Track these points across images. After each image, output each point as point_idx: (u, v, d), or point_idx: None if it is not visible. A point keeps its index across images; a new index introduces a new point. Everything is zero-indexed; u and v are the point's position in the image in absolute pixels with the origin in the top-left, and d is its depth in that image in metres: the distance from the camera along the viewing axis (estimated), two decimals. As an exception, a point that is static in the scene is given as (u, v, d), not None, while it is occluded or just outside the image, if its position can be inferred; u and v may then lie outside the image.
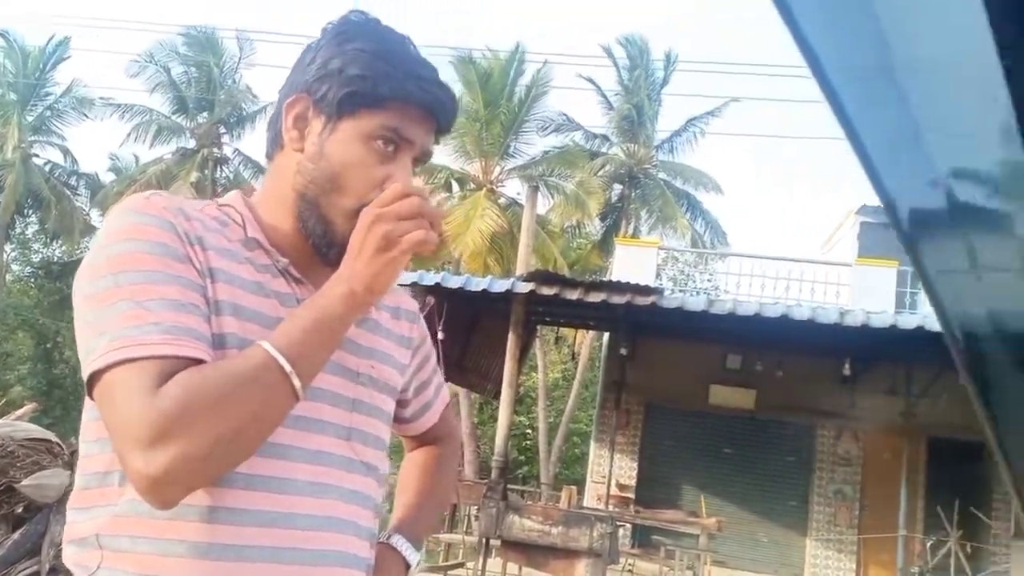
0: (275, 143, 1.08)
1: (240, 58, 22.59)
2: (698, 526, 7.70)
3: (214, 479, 0.90)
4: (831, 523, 10.52)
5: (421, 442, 1.33)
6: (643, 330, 9.85)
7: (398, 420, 1.25)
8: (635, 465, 11.15)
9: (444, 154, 19.08)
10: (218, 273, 0.96)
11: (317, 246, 1.03)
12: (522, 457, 20.06)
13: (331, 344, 0.95)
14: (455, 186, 19.65)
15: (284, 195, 1.04)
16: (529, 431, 20.15)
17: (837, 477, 10.57)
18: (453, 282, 8.14)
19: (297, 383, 0.89)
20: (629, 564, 7.92)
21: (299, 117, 1.04)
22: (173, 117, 22.46)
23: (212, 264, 0.96)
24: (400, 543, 1.18)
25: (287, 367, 0.88)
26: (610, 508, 9.40)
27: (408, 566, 1.18)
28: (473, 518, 8.42)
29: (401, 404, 1.22)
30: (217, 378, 0.86)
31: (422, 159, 1.05)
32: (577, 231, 21.55)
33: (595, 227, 21.01)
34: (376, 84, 1.00)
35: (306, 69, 1.05)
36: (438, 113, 1.04)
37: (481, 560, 6.59)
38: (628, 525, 9.32)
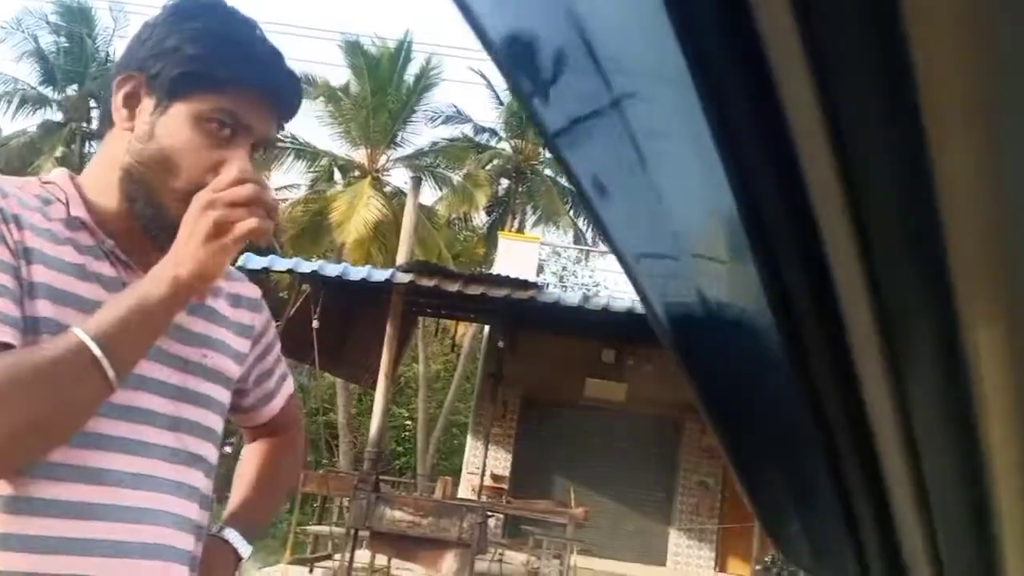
0: (106, 121, 1.04)
1: (114, 30, 21.43)
2: (566, 516, 7.88)
3: (14, 469, 0.86)
4: (694, 513, 10.97)
5: (262, 433, 1.31)
6: (522, 324, 9.98)
7: (237, 410, 1.23)
8: (510, 456, 11.29)
9: (328, 140, 18.73)
10: (34, 254, 0.92)
11: (147, 228, 1.00)
12: (400, 448, 19.95)
13: (152, 332, 0.93)
14: (337, 173, 19.32)
15: (112, 175, 1.01)
16: (408, 422, 20.05)
17: (701, 469, 11.02)
18: (331, 270, 8.00)
19: (111, 372, 0.86)
20: (499, 554, 8.02)
21: (130, 95, 1.00)
22: (40, 88, 21.08)
23: (28, 244, 0.92)
24: (231, 535, 1.16)
25: (99, 354, 0.85)
26: (483, 499, 9.50)
27: (239, 559, 1.16)
28: (345, 509, 8.32)
29: (240, 394, 1.20)
30: (22, 364, 0.83)
31: (261, 146, 1.04)
32: (464, 224, 21.58)
33: (482, 220, 21.10)
34: (213, 66, 0.97)
35: (141, 46, 1.02)
36: (279, 100, 1.03)
37: (349, 551, 6.53)
38: (500, 516, 9.44)
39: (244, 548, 1.16)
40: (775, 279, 0.33)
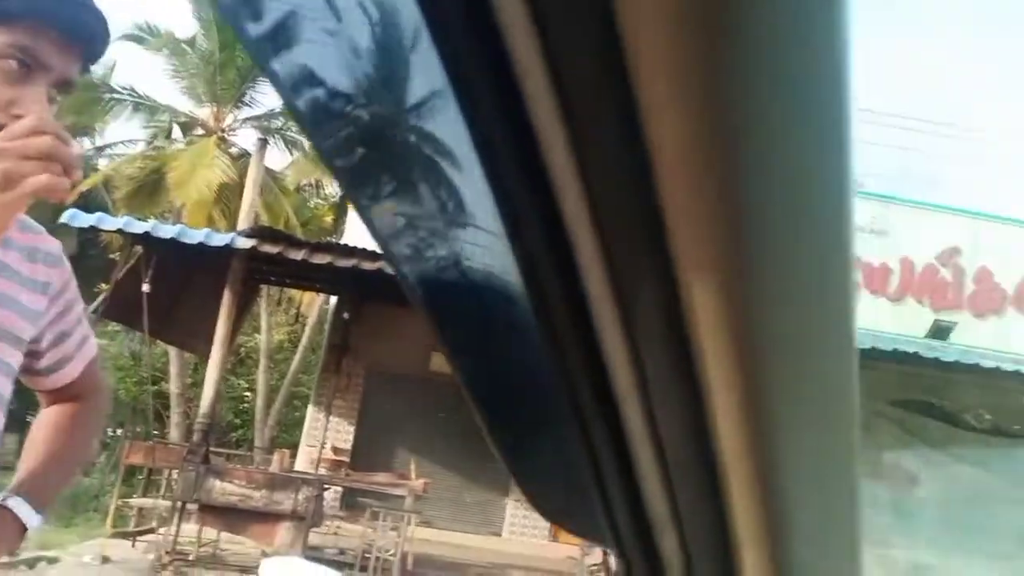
0: None
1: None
2: (405, 488, 7.90)
3: None
4: (531, 485, 11.25)
5: (59, 398, 1.23)
6: (369, 295, 9.85)
7: (31, 372, 1.15)
8: (352, 429, 11.18)
9: (171, 95, 17.69)
10: None
11: None
12: (238, 420, 19.28)
13: None
14: (178, 130, 18.30)
15: None
16: (248, 394, 19.40)
17: (539, 442, 11.26)
18: (165, 231, 7.57)
19: None
20: (335, 526, 7.94)
21: (-92, 24, 0.91)
22: None
23: None
24: (17, 504, 1.08)
25: None
26: (321, 471, 9.37)
27: (25, 529, 1.09)
28: (173, 482, 7.98)
29: (34, 356, 1.12)
30: None
31: (62, 87, 0.96)
32: (315, 191, 20.97)
33: (334, 188, 20.56)
34: None
35: None
36: (81, 38, 0.96)
37: (175, 525, 6.27)
38: (340, 488, 9.34)
39: (32, 518, 1.09)
40: (525, 256, 0.34)
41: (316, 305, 17.76)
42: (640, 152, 0.28)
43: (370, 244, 9.72)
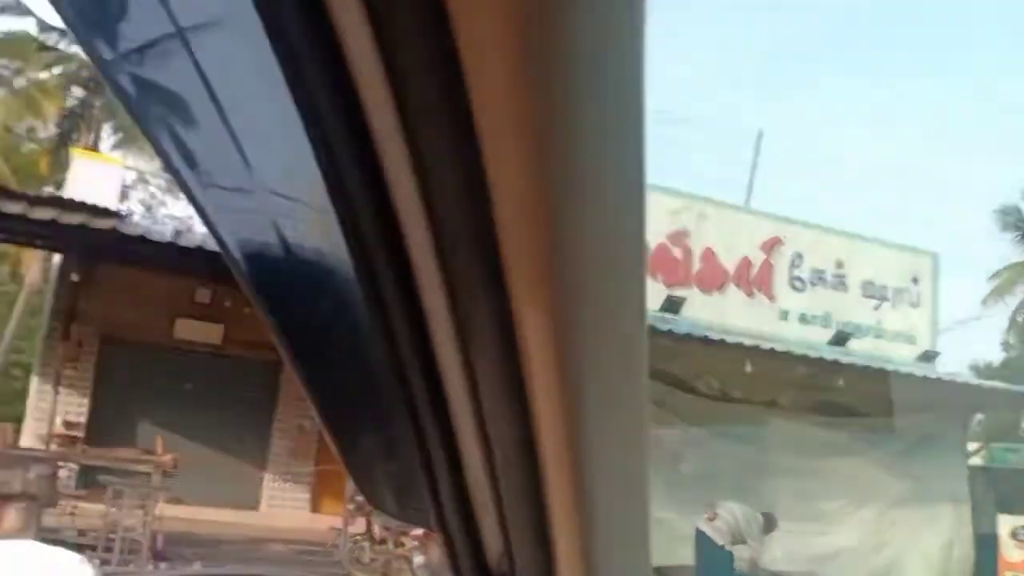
0: None
1: None
2: (151, 463, 7.38)
3: None
4: (290, 456, 10.90)
5: None
6: (102, 256, 8.98)
7: None
8: (87, 401, 10.20)
9: None
10: None
11: None
12: (-59, 392, 16.92)
13: None
14: None
15: None
16: (-48, 362, 17.06)
17: (299, 412, 10.84)
18: None
19: None
20: (72, 506, 7.27)
21: None
22: None
23: None
24: None
25: None
26: (52, 447, 8.51)
27: None
28: None
29: None
30: None
31: None
32: (29, 134, 18.63)
33: (50, 132, 18.35)
34: None
35: None
36: None
37: None
38: (75, 466, 8.54)
39: None
40: (366, 266, 0.34)
41: (37, 264, 15.93)
42: (480, 189, 0.29)
43: (100, 199, 8.78)
